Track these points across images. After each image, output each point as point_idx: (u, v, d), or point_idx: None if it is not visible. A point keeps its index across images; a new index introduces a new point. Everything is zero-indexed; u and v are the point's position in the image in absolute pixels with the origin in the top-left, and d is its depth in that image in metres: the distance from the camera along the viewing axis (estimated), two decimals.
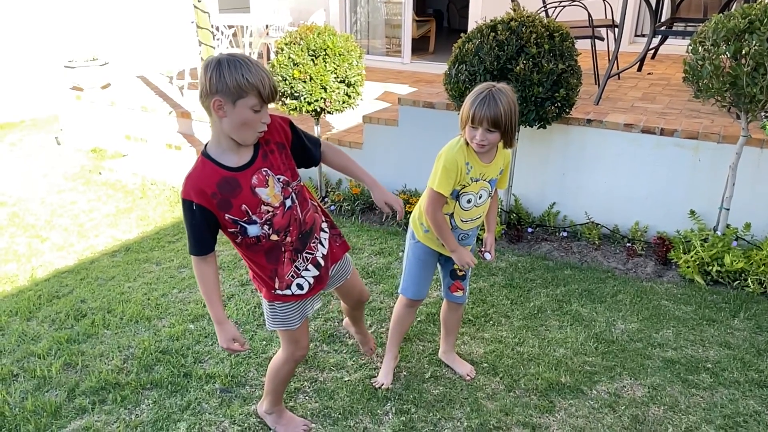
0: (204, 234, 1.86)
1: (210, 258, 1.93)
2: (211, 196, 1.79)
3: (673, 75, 5.46)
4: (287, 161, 1.91)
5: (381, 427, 2.46)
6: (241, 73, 1.66)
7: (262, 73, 1.70)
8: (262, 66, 1.72)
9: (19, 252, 4.15)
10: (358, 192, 4.68)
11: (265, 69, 1.73)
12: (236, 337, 1.96)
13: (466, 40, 3.76)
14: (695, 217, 3.77)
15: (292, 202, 1.93)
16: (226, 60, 1.68)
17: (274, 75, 4.36)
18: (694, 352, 2.92)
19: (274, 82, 1.74)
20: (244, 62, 1.69)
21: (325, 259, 2.13)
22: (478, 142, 2.20)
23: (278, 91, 1.77)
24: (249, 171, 1.81)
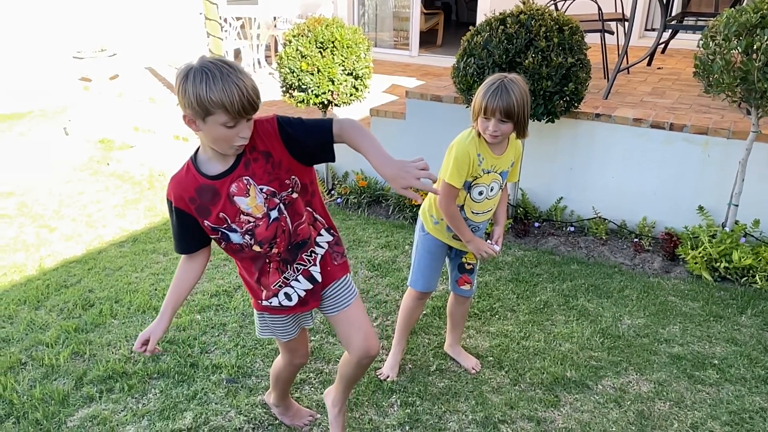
0: (183, 235, 1.80)
1: (191, 258, 1.86)
2: (190, 201, 1.71)
3: (684, 70, 5.42)
4: (274, 170, 1.69)
5: (386, 419, 2.46)
6: (205, 90, 1.48)
7: (231, 87, 1.49)
8: (236, 75, 1.51)
9: (28, 241, 4.17)
10: (365, 185, 4.68)
11: (241, 79, 1.51)
12: (150, 341, 1.83)
13: (475, 33, 3.75)
14: (704, 212, 3.75)
15: (280, 213, 1.75)
16: (193, 72, 1.50)
17: (282, 67, 4.36)
18: (701, 348, 2.91)
19: (250, 93, 1.52)
20: (213, 74, 1.49)
21: (321, 275, 1.93)
22: (491, 133, 2.20)
23: (256, 102, 1.54)
24: (228, 179, 1.67)
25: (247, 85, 1.51)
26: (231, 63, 1.55)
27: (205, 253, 1.88)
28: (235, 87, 1.49)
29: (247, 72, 1.56)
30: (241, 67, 1.57)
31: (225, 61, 1.55)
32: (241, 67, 1.57)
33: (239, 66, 1.57)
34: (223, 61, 1.54)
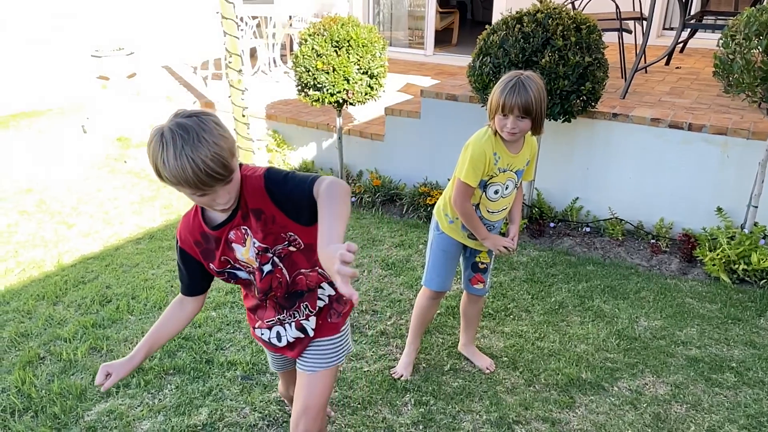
0: (184, 275, 1.75)
1: (186, 302, 1.78)
2: (195, 245, 1.67)
3: (702, 69, 5.35)
4: (268, 226, 1.59)
5: (400, 418, 2.46)
6: (160, 161, 1.36)
7: (184, 162, 1.33)
8: (193, 146, 1.34)
9: (46, 238, 4.23)
10: (379, 184, 4.68)
11: (199, 149, 1.34)
12: (112, 378, 1.68)
13: (491, 32, 3.73)
14: (722, 214, 3.70)
15: (274, 266, 1.67)
16: (155, 138, 1.37)
17: (297, 66, 4.37)
18: (719, 350, 2.87)
19: (206, 167, 1.35)
20: (167, 144, 1.35)
21: (314, 329, 1.84)
22: (509, 131, 2.19)
23: (216, 174, 1.38)
24: (227, 228, 1.61)
25: (205, 158, 1.34)
26: (196, 127, 1.37)
27: (199, 301, 1.80)
28: (189, 161, 1.33)
29: (216, 135, 1.38)
30: (210, 127, 1.39)
31: (188, 125, 1.37)
32: (210, 127, 1.39)
33: (208, 127, 1.38)
34: (187, 125, 1.36)
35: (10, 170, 5.52)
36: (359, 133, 5.00)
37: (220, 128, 1.42)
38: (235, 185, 1.50)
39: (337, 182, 1.46)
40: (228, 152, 1.40)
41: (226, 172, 1.41)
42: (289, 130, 5.40)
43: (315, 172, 5.15)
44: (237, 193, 1.53)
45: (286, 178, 1.56)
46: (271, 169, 1.59)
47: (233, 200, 1.52)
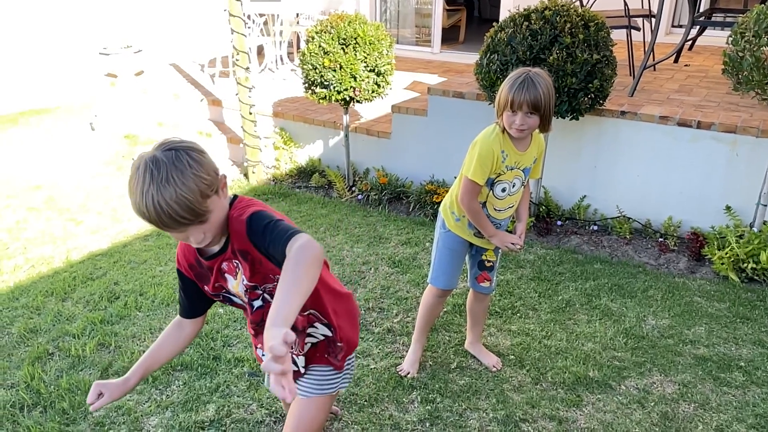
0: (183, 297, 1.72)
1: (184, 324, 1.75)
2: (189, 268, 1.64)
3: (711, 67, 5.32)
4: (255, 267, 1.53)
5: (406, 416, 2.47)
6: (131, 195, 1.33)
7: (147, 200, 1.29)
8: (159, 185, 1.29)
9: (55, 234, 4.25)
10: (386, 182, 4.68)
11: (164, 189, 1.29)
12: (104, 398, 1.64)
13: (499, 29, 3.72)
14: (731, 212, 3.68)
15: (264, 302, 1.63)
16: (132, 169, 1.34)
17: (304, 64, 4.38)
18: (727, 349, 2.86)
19: (169, 208, 1.29)
20: (137, 179, 1.31)
21: (305, 366, 1.78)
22: (518, 127, 2.19)
23: (181, 217, 1.32)
24: (219, 259, 1.56)
25: (169, 199, 1.29)
26: (169, 163, 1.31)
27: (197, 323, 1.77)
28: (152, 201, 1.29)
29: (188, 176, 1.32)
30: (184, 165, 1.32)
31: (162, 161, 1.31)
32: (184, 165, 1.32)
33: (181, 165, 1.32)
34: (161, 161, 1.31)
35: (19, 167, 5.55)
36: (366, 130, 5.00)
37: (197, 166, 1.34)
38: (214, 225, 1.43)
39: (307, 247, 1.32)
40: (198, 194, 1.33)
41: (192, 216, 1.34)
42: (296, 128, 5.40)
43: (322, 170, 5.15)
44: (219, 231, 1.47)
45: (265, 229, 1.44)
46: (253, 216, 1.47)
47: (212, 239, 1.46)
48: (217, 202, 1.41)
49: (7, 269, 3.77)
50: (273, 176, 5.25)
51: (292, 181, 5.18)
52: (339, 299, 1.75)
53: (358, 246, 3.96)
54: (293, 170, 5.29)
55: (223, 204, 1.46)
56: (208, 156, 1.41)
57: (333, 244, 3.99)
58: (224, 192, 1.46)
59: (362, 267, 3.68)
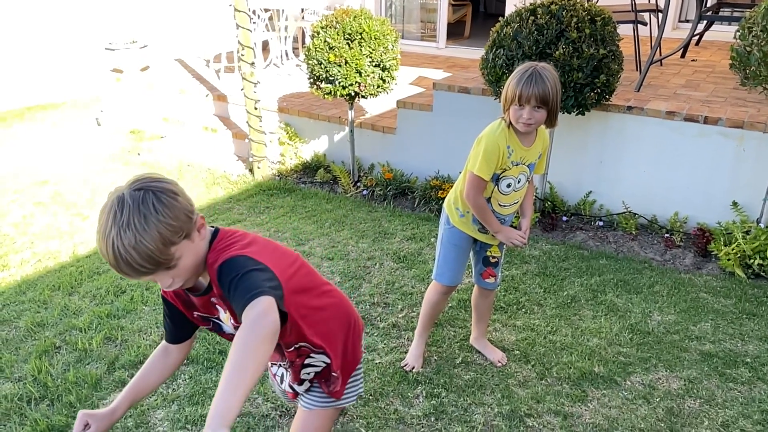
0: (168, 322, 1.63)
1: (170, 350, 1.66)
2: (176, 296, 1.57)
3: (718, 62, 5.29)
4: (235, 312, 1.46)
5: (411, 410, 2.47)
6: (96, 234, 1.29)
7: (108, 243, 1.24)
8: (120, 230, 1.23)
9: (62, 229, 4.27)
10: (391, 177, 4.68)
11: (125, 235, 1.23)
12: (88, 425, 1.55)
13: (505, 24, 3.71)
14: (737, 208, 3.67)
15: None
16: (102, 206, 1.30)
17: (309, 59, 4.37)
18: (733, 345, 2.85)
19: (127, 255, 1.23)
20: (102, 220, 1.27)
21: (305, 390, 1.75)
22: (525, 121, 2.18)
23: (139, 266, 1.26)
24: (207, 297, 1.50)
25: (128, 246, 1.23)
26: (134, 206, 1.25)
27: (184, 348, 1.68)
28: (111, 245, 1.24)
29: (151, 222, 1.24)
30: (149, 210, 1.25)
31: (128, 203, 1.25)
32: (149, 210, 1.25)
33: (146, 210, 1.25)
34: (126, 202, 1.25)
35: (26, 162, 5.58)
36: (371, 126, 4.99)
37: (163, 211, 1.26)
38: (185, 270, 1.36)
39: (259, 322, 1.19)
40: (160, 242, 1.25)
41: (151, 265, 1.27)
42: (301, 123, 5.40)
43: (327, 165, 5.16)
44: (193, 275, 1.40)
45: (231, 284, 1.33)
46: (224, 266, 1.36)
47: (183, 283, 1.39)
48: (188, 247, 1.33)
49: (14, 263, 3.79)
50: (278, 171, 5.25)
51: (297, 176, 5.19)
52: (325, 321, 1.63)
53: (363, 241, 3.96)
54: (298, 165, 5.29)
55: (198, 248, 1.37)
56: (181, 198, 1.32)
57: (338, 240, 3.99)
58: (201, 234, 1.37)
59: (367, 262, 3.68)
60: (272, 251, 1.49)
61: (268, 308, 1.22)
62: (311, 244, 3.94)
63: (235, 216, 4.41)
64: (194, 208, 1.37)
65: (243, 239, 1.46)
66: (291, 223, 4.27)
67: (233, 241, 1.44)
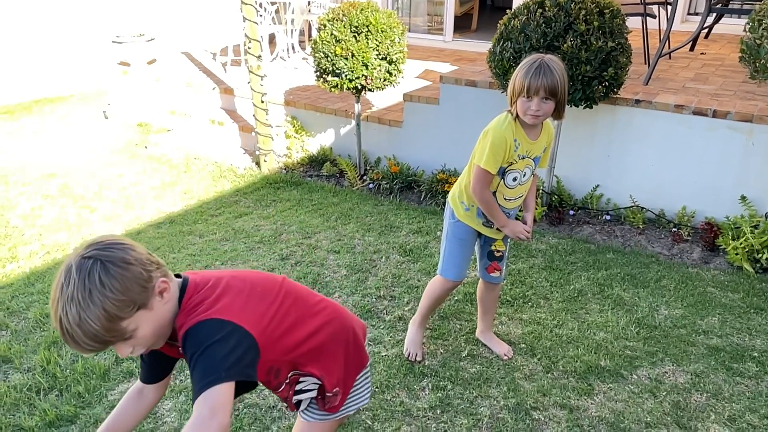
0: (144, 361, 1.56)
1: (145, 391, 1.57)
2: None
3: (728, 55, 5.25)
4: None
5: (417, 402, 2.48)
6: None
7: (57, 315, 1.19)
8: (66, 304, 1.18)
9: (70, 221, 4.29)
10: (397, 170, 4.67)
11: (70, 311, 1.17)
12: None
13: (512, 17, 3.69)
14: (746, 202, 3.64)
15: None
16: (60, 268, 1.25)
17: (316, 52, 4.37)
18: (740, 340, 2.84)
19: (71, 331, 1.18)
20: (54, 289, 1.22)
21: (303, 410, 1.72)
22: (533, 113, 2.17)
23: (83, 343, 1.20)
24: (174, 348, 1.45)
25: (73, 321, 1.17)
26: (78, 278, 1.18)
27: (160, 388, 1.59)
28: (59, 320, 1.19)
29: (96, 298, 1.18)
30: (94, 284, 1.19)
31: (72, 275, 1.19)
32: (94, 284, 1.19)
33: (91, 283, 1.19)
34: (71, 273, 1.19)
35: (34, 155, 5.60)
36: (377, 119, 4.99)
37: (111, 285, 1.19)
38: (146, 338, 1.29)
39: (204, 426, 1.17)
40: (106, 320, 1.18)
41: (97, 343, 1.21)
42: (308, 117, 5.40)
43: (333, 159, 5.15)
44: (159, 339, 1.34)
45: (191, 359, 1.28)
46: (188, 336, 1.30)
47: (147, 348, 1.34)
48: (145, 318, 1.26)
49: (23, 255, 3.82)
50: (284, 165, 5.26)
51: (303, 169, 5.19)
52: (320, 345, 1.56)
53: (369, 234, 3.96)
54: (305, 159, 5.30)
55: (160, 314, 1.30)
56: (135, 267, 1.23)
57: (344, 233, 3.99)
58: (164, 298, 1.30)
59: (373, 255, 3.69)
60: (247, 297, 1.39)
61: (217, 406, 1.19)
62: (317, 237, 3.94)
63: (242, 209, 4.42)
64: (154, 272, 1.27)
65: (214, 290, 1.36)
66: (297, 216, 4.27)
67: (203, 298, 1.35)
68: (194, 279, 1.40)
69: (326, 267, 3.57)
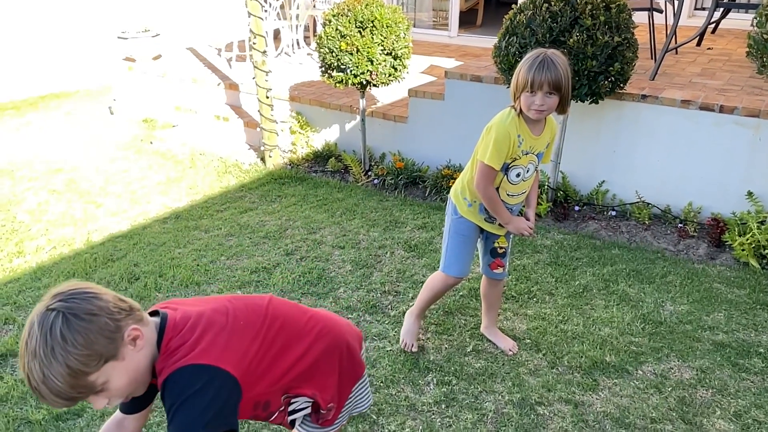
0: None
1: (126, 421, 1.49)
2: None
3: (735, 50, 5.21)
4: None
5: (422, 397, 2.48)
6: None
7: (23, 369, 1.16)
8: (33, 360, 1.14)
9: (76, 217, 4.31)
10: (402, 166, 4.67)
11: (34, 366, 1.14)
12: None
13: (518, 12, 3.68)
14: (753, 198, 3.63)
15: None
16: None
17: (321, 47, 4.36)
18: (746, 336, 2.83)
19: (37, 386, 1.15)
20: (22, 342, 1.17)
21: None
22: (537, 108, 2.16)
23: (48, 398, 1.17)
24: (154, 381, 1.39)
25: (37, 378, 1.14)
26: (40, 332, 1.14)
27: (141, 419, 1.51)
28: (26, 374, 1.15)
29: (58, 355, 1.13)
30: (55, 340, 1.14)
31: (34, 329, 1.15)
32: (55, 340, 1.14)
33: (53, 340, 1.14)
34: (33, 327, 1.15)
35: (40, 150, 5.63)
36: (382, 115, 4.98)
37: (74, 340, 1.13)
38: (122, 389, 1.25)
39: None
40: (70, 375, 1.14)
41: (64, 399, 1.17)
42: (313, 112, 5.40)
43: (338, 154, 5.15)
44: (139, 385, 1.30)
45: (169, 412, 1.25)
46: (167, 384, 1.27)
47: (125, 397, 1.30)
48: (116, 369, 1.20)
49: (30, 250, 3.84)
50: (290, 160, 5.26)
51: (308, 165, 5.19)
52: (312, 364, 1.52)
53: (374, 230, 3.96)
54: (309, 154, 5.30)
55: (134, 363, 1.24)
56: (102, 318, 1.18)
57: (349, 228, 4.00)
58: (137, 345, 1.24)
59: (378, 251, 3.69)
60: (229, 334, 1.34)
61: None
62: (322, 232, 3.95)
63: (247, 204, 4.43)
64: (123, 320, 1.21)
65: (194, 330, 1.31)
66: (302, 211, 4.28)
67: (182, 341, 1.29)
68: (173, 317, 1.34)
69: (331, 262, 3.57)
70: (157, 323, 1.32)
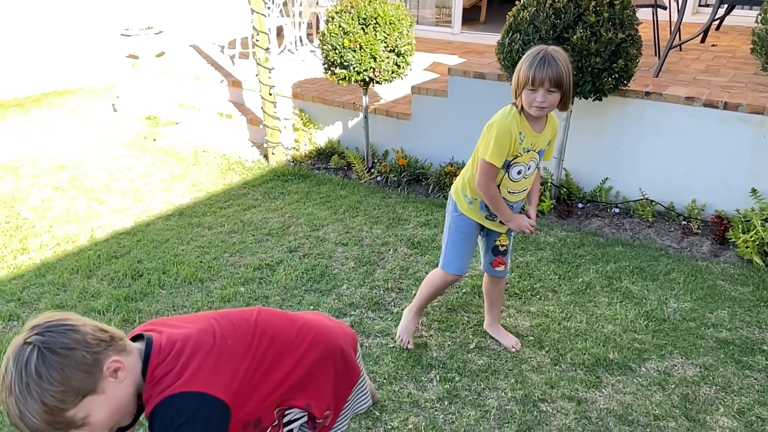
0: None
1: None
2: None
3: (739, 47, 5.19)
4: None
5: (425, 394, 2.49)
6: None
7: (2, 402, 1.15)
8: (9, 396, 1.13)
9: (80, 213, 4.32)
10: (405, 163, 4.67)
11: (12, 399, 1.12)
12: None
13: (522, 8, 3.67)
14: (757, 195, 3.62)
15: None
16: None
17: (324, 44, 4.36)
18: (750, 333, 2.83)
19: (21, 422, 1.13)
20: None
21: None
22: (539, 105, 2.16)
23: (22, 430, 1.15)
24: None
25: (14, 415, 1.13)
26: (15, 368, 1.12)
27: None
28: (6, 410, 1.14)
29: (34, 391, 1.11)
30: (29, 377, 1.12)
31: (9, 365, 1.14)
32: (29, 377, 1.12)
33: (27, 376, 1.12)
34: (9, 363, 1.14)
35: (44, 148, 5.64)
36: (385, 112, 4.98)
37: (50, 376, 1.11)
38: (104, 423, 1.22)
39: None
40: (47, 413, 1.12)
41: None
42: (316, 109, 5.40)
43: (341, 151, 5.15)
44: (125, 415, 1.28)
45: None
46: (155, 415, 1.25)
47: (110, 429, 1.26)
48: (96, 403, 1.18)
49: (34, 247, 3.85)
50: (293, 157, 5.26)
51: (311, 162, 5.20)
52: (305, 373, 1.51)
53: (377, 227, 3.97)
54: (312, 152, 5.30)
55: (116, 395, 1.22)
56: (79, 351, 1.15)
57: (352, 225, 4.00)
58: (119, 377, 1.22)
59: (381, 248, 3.69)
60: (217, 356, 1.32)
61: None
62: (325, 229, 3.95)
63: (250, 202, 4.44)
64: (102, 353, 1.18)
65: (180, 355, 1.28)
66: (305, 209, 4.28)
67: (169, 368, 1.27)
68: (158, 341, 1.31)
69: (334, 259, 3.57)
70: (141, 350, 1.29)
